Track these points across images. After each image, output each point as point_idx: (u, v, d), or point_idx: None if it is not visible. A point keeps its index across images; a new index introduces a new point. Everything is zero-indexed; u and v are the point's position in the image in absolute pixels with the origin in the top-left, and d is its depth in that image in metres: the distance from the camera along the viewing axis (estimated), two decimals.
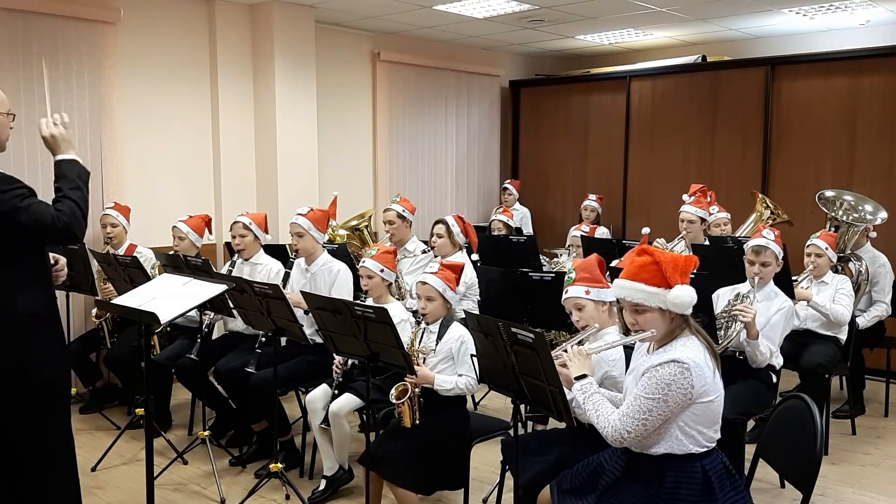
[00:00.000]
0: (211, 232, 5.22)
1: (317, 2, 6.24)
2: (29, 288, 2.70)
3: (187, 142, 6.15)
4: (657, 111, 7.60)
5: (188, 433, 4.90)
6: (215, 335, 4.75)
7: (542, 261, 5.61)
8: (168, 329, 4.93)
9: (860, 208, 5.22)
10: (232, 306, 4.05)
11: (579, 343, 2.78)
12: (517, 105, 8.69)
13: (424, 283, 3.49)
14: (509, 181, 8.17)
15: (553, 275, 4.16)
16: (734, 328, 3.62)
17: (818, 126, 6.61)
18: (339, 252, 5.02)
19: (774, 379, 3.86)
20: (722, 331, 3.67)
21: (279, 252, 5.03)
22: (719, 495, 2.45)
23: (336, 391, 3.82)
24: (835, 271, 4.79)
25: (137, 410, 4.66)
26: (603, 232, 6.94)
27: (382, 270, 3.84)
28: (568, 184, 8.29)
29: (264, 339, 4.23)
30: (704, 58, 7.51)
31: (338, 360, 3.83)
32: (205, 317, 4.43)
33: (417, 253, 5.33)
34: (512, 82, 8.68)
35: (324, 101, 6.80)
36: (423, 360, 3.39)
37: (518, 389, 2.84)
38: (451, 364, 3.43)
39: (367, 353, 3.29)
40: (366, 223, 6.39)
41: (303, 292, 3.67)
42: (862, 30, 7.02)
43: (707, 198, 5.56)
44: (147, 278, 4.19)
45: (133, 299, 3.05)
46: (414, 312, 3.61)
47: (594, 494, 2.60)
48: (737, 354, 3.74)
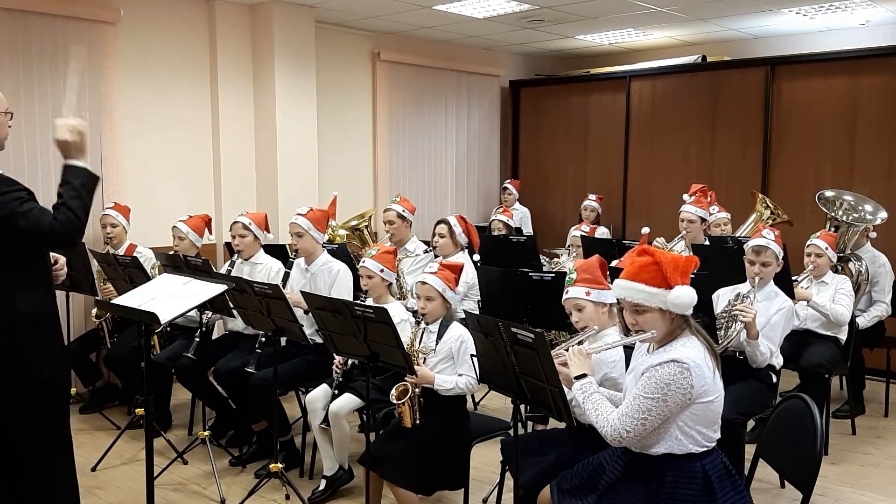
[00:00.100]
0: (211, 232, 5.22)
1: (317, 2, 6.24)
2: (29, 288, 2.70)
3: (187, 142, 6.15)
4: (657, 111, 7.60)
5: (188, 433, 4.90)
6: (215, 335, 4.75)
7: (543, 261, 5.61)
8: (168, 329, 4.93)
9: (860, 208, 5.22)
10: (232, 306, 4.05)
11: (579, 343, 2.78)
12: (517, 105, 8.69)
13: (424, 283, 3.49)
14: (509, 181, 8.17)
15: (553, 275, 4.15)
16: (734, 328, 3.62)
17: (818, 126, 6.61)
18: (339, 252, 5.02)
19: (774, 379, 3.86)
20: (722, 331, 3.66)
21: (279, 252, 5.03)
22: (719, 495, 2.45)
23: (336, 391, 3.82)
24: (835, 271, 4.79)
25: (137, 410, 4.66)
26: (603, 232, 6.94)
27: (382, 270, 3.84)
28: (568, 184, 8.29)
29: (264, 340, 4.23)
30: (704, 58, 7.51)
31: (338, 360, 3.83)
32: (204, 317, 4.43)
33: (419, 253, 5.33)
34: (512, 82, 8.67)
35: (324, 101, 6.80)
36: (423, 360, 3.40)
37: (518, 389, 2.84)
38: (451, 364, 3.43)
39: (367, 353, 3.29)
40: (366, 223, 6.39)
41: (303, 292, 3.67)
42: (862, 30, 7.02)
43: (707, 198, 5.56)
44: (147, 278, 4.19)
45: (133, 299, 3.05)
46: (414, 312, 3.61)
47: (594, 494, 2.60)
48: (737, 354, 3.74)
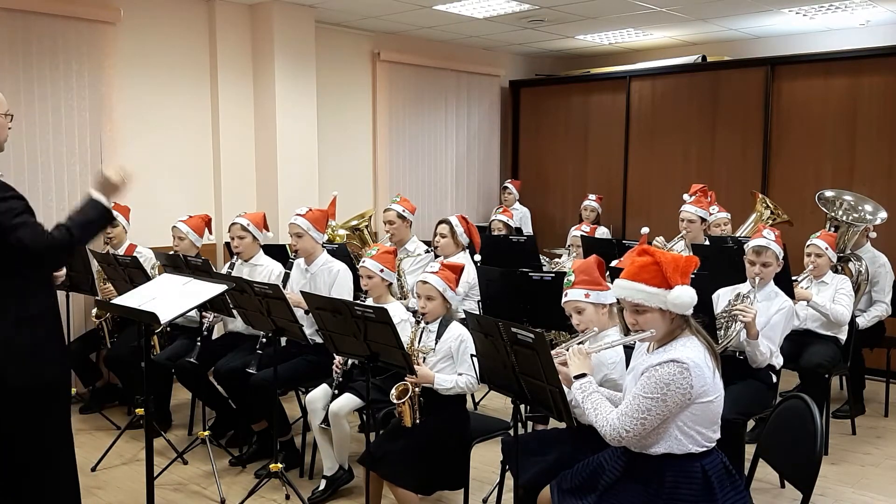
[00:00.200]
0: (211, 232, 5.22)
1: (317, 2, 6.24)
2: (29, 289, 2.70)
3: (187, 142, 6.15)
4: (657, 111, 7.60)
5: (188, 433, 4.90)
6: (215, 335, 4.74)
7: (543, 261, 5.61)
8: (168, 329, 4.93)
9: (860, 208, 5.22)
10: (232, 306, 4.05)
11: (579, 344, 2.78)
12: (517, 105, 8.69)
13: (425, 283, 3.49)
14: (510, 181, 8.17)
15: (553, 275, 4.15)
16: (734, 328, 3.62)
17: (818, 126, 6.61)
18: (339, 252, 5.02)
19: (774, 379, 3.86)
20: (722, 331, 3.66)
21: (279, 252, 5.02)
22: (719, 495, 2.45)
23: (336, 391, 3.82)
24: (835, 271, 4.79)
25: (137, 410, 4.66)
26: (603, 232, 6.94)
27: (382, 270, 3.84)
28: (568, 184, 8.29)
29: (265, 340, 4.23)
30: (704, 58, 7.51)
31: (338, 360, 3.83)
32: (204, 319, 4.43)
33: (419, 253, 5.33)
34: (512, 82, 8.67)
35: (324, 101, 6.80)
36: (423, 360, 3.40)
37: (518, 389, 2.84)
38: (451, 363, 3.43)
39: (367, 353, 3.29)
40: (366, 223, 6.39)
41: (303, 292, 3.67)
42: (862, 30, 7.02)
43: (707, 198, 5.56)
44: (147, 278, 4.19)
45: (133, 299, 3.05)
46: (414, 312, 3.61)
47: (594, 494, 2.60)
48: (737, 354, 3.74)
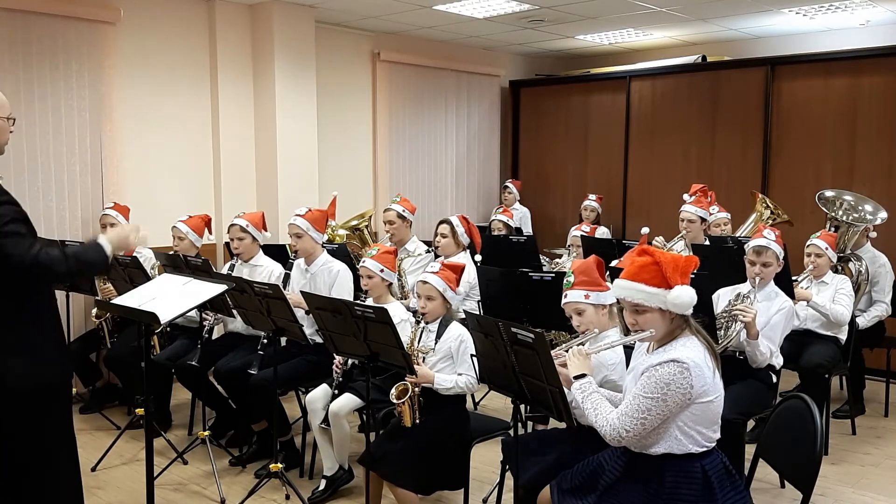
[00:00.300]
0: (211, 232, 5.22)
1: (317, 2, 6.24)
2: (29, 290, 2.70)
3: (187, 142, 6.15)
4: (657, 111, 7.60)
5: (188, 433, 4.90)
6: (215, 335, 4.74)
7: (543, 261, 5.61)
8: (168, 329, 4.93)
9: (860, 208, 5.22)
10: (232, 306, 4.05)
11: (579, 344, 2.78)
12: (517, 105, 8.69)
13: (425, 283, 3.49)
14: (510, 181, 8.17)
15: (553, 275, 4.15)
16: (734, 328, 3.62)
17: (818, 126, 6.61)
18: (339, 252, 5.02)
19: (774, 379, 3.86)
20: (722, 331, 3.66)
21: (279, 252, 5.02)
22: (719, 495, 2.45)
23: (336, 391, 3.82)
24: (835, 271, 4.79)
25: (137, 410, 4.65)
26: (603, 232, 6.94)
27: (382, 270, 3.84)
28: (568, 184, 8.29)
29: (266, 341, 4.23)
30: (704, 58, 7.51)
31: (338, 360, 3.83)
32: (205, 322, 4.43)
33: (419, 253, 5.33)
34: (512, 82, 8.67)
35: (324, 101, 6.80)
36: (423, 360, 3.40)
37: (518, 389, 2.84)
38: (451, 363, 3.43)
39: (367, 353, 3.29)
40: (366, 223, 6.39)
41: (303, 292, 3.67)
42: (862, 30, 7.02)
43: (707, 198, 5.56)
44: (147, 278, 4.19)
45: (133, 299, 3.06)
46: (414, 312, 3.61)
47: (594, 494, 2.60)
48: (737, 354, 3.74)
